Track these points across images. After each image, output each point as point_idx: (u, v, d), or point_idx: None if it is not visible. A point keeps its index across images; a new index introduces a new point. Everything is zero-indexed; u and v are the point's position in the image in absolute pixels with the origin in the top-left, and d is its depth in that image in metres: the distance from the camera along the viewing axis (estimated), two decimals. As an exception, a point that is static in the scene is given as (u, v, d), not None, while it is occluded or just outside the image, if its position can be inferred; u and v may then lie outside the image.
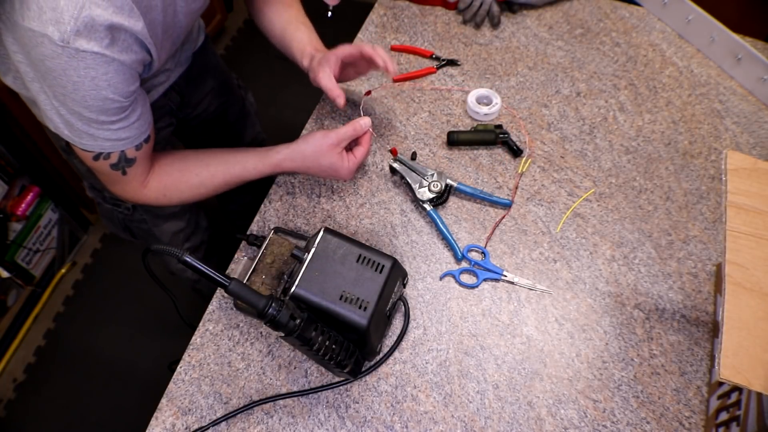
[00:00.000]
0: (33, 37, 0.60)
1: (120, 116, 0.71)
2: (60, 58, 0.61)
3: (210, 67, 1.13)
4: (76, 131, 0.70)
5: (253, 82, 1.28)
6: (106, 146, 0.73)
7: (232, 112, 1.24)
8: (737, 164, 0.66)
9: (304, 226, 0.89)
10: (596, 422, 0.73)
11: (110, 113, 0.69)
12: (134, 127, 0.74)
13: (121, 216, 1.09)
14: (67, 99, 0.65)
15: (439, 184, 0.89)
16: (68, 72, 0.62)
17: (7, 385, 1.68)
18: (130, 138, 0.74)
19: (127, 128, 0.73)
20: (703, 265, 0.86)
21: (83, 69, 0.62)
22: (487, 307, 0.81)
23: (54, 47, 0.60)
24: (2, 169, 1.54)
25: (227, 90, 1.20)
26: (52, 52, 0.60)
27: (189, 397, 0.74)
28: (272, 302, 0.62)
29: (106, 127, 0.70)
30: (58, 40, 0.59)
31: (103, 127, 0.70)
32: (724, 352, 0.55)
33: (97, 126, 0.70)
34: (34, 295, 1.79)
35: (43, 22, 0.58)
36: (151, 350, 1.71)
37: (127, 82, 0.68)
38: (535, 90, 1.06)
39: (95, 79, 0.64)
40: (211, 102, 1.16)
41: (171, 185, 0.84)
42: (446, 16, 1.19)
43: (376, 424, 0.72)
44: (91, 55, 0.61)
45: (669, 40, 1.15)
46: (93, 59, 0.62)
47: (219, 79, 1.17)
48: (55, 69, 0.62)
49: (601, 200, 0.92)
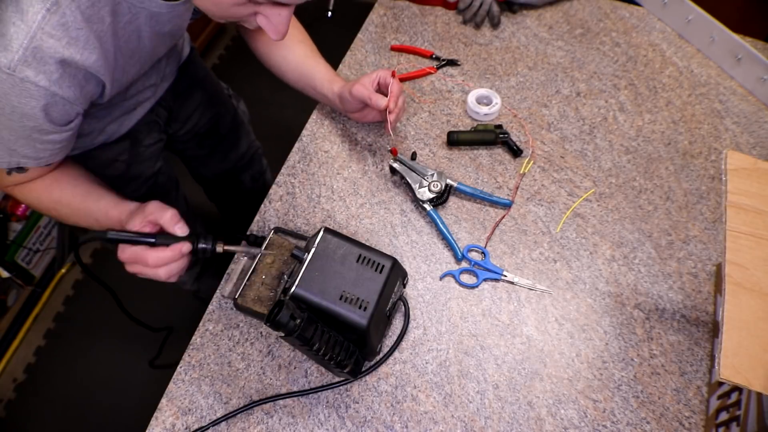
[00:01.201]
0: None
1: (51, 138, 0.69)
2: (3, 83, 0.59)
3: (198, 79, 1.12)
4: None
5: (251, 85, 1.28)
6: (22, 162, 0.70)
7: (223, 123, 1.22)
8: (737, 164, 0.66)
9: (304, 226, 0.89)
10: (596, 422, 0.73)
11: (43, 133, 0.67)
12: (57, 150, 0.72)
13: None
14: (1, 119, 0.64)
15: (439, 184, 0.89)
16: (9, 97, 0.61)
17: (7, 385, 1.67)
18: (44, 158, 0.72)
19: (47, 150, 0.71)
20: (703, 265, 0.86)
21: (24, 98, 0.61)
22: (487, 307, 0.81)
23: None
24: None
25: (217, 102, 1.19)
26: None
27: (189, 397, 0.74)
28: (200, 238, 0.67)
29: (32, 145, 0.69)
30: (4, 67, 0.58)
31: (29, 144, 0.68)
32: (724, 352, 0.55)
33: (24, 142, 0.68)
34: (34, 295, 1.79)
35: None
36: (150, 350, 1.71)
37: (67, 116, 0.67)
38: (535, 90, 1.06)
39: (34, 108, 0.62)
40: (202, 115, 1.15)
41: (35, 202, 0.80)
42: (446, 16, 1.19)
43: (376, 424, 0.72)
44: (34, 86, 0.60)
45: (669, 40, 1.15)
46: (36, 91, 0.61)
47: (208, 91, 1.15)
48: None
49: (601, 200, 0.92)
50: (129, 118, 0.94)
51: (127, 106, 0.91)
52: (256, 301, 0.77)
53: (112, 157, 0.97)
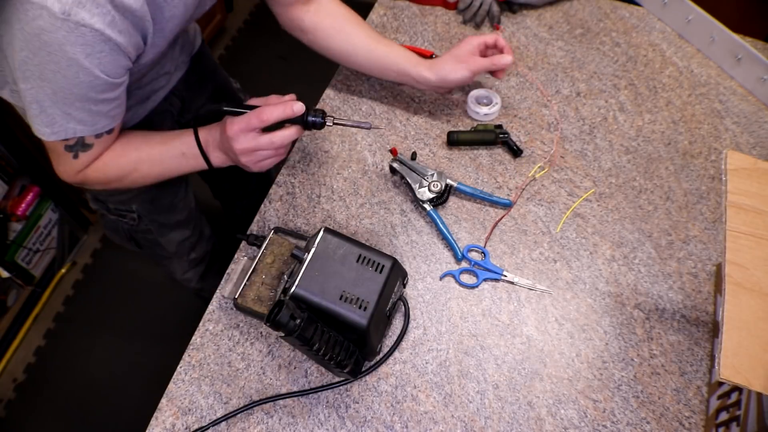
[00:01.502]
0: (31, 10, 0.57)
1: (104, 96, 0.68)
2: (58, 32, 0.58)
3: (208, 71, 1.13)
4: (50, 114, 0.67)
5: (253, 81, 1.28)
6: (78, 129, 0.70)
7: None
8: (737, 164, 0.66)
9: (304, 226, 0.89)
10: (596, 422, 0.73)
11: (97, 90, 0.67)
12: (112, 112, 0.72)
13: (126, 227, 1.08)
14: (57, 76, 0.63)
15: (439, 184, 0.89)
16: (65, 47, 0.59)
17: (7, 385, 1.68)
18: (101, 123, 0.72)
19: (105, 114, 0.71)
20: (703, 265, 0.86)
21: (80, 45, 0.60)
22: (487, 307, 0.81)
23: (52, 20, 0.57)
24: (2, 169, 1.54)
25: (226, 94, 1.20)
26: (50, 25, 0.57)
27: (189, 397, 0.74)
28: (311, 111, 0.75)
29: (87, 108, 0.68)
30: (59, 12, 0.57)
31: (86, 106, 0.68)
32: (724, 352, 0.55)
33: (80, 104, 0.67)
34: (34, 295, 1.79)
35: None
36: (151, 350, 1.71)
37: (119, 64, 0.66)
38: (535, 90, 1.06)
39: (90, 56, 0.62)
40: (212, 106, 1.16)
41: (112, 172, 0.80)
42: (446, 16, 1.19)
43: (376, 424, 0.72)
44: (90, 31, 0.60)
45: (669, 40, 1.15)
46: (92, 35, 0.60)
47: (218, 82, 1.16)
48: (51, 43, 0.59)
49: (601, 200, 0.92)
50: (143, 106, 0.94)
51: (141, 95, 0.91)
52: (256, 301, 0.77)
53: None
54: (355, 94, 1.05)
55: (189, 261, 1.22)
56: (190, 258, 1.22)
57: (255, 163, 0.78)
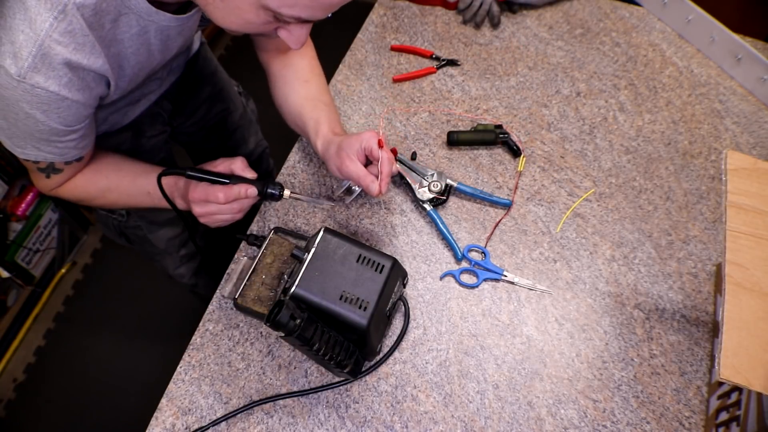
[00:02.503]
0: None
1: (69, 138, 0.71)
2: (15, 91, 0.61)
3: (206, 74, 1.11)
4: (19, 143, 0.70)
5: (253, 83, 1.28)
6: (48, 157, 0.73)
7: (232, 120, 1.22)
8: (737, 164, 0.66)
9: (304, 226, 0.89)
10: (596, 422, 0.73)
11: (60, 135, 0.69)
12: (79, 145, 0.74)
13: (115, 222, 1.08)
14: (18, 122, 0.65)
15: (439, 184, 0.89)
16: (21, 104, 0.62)
17: (7, 385, 1.67)
18: (70, 154, 0.74)
19: (72, 147, 0.73)
20: (703, 265, 0.86)
21: (36, 103, 0.63)
22: (487, 307, 0.81)
23: (9, 79, 0.60)
24: (2, 169, 1.54)
25: (226, 97, 1.18)
26: (7, 83, 0.60)
27: (189, 397, 0.74)
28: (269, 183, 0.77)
29: (53, 144, 0.71)
30: (15, 74, 0.59)
31: (51, 145, 0.71)
32: (724, 352, 0.55)
33: (46, 143, 0.70)
34: (34, 295, 1.79)
35: (1, 53, 0.59)
36: (151, 350, 1.71)
37: (78, 115, 0.68)
38: (535, 90, 1.06)
39: (47, 112, 0.64)
40: (209, 109, 1.15)
41: (81, 194, 0.84)
42: (446, 16, 1.19)
43: (376, 424, 0.72)
44: (45, 92, 0.62)
45: (669, 40, 1.15)
46: (47, 96, 0.62)
47: (217, 86, 1.15)
48: (8, 98, 0.62)
49: (601, 200, 0.92)
50: (133, 109, 0.94)
51: (131, 98, 0.91)
52: (256, 301, 0.77)
53: (113, 146, 0.97)
54: (355, 94, 1.05)
55: (180, 257, 1.22)
56: (180, 254, 1.22)
57: (211, 223, 0.80)
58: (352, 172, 0.77)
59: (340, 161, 0.79)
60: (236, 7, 0.61)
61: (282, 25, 0.65)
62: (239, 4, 0.60)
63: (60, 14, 0.58)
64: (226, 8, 0.62)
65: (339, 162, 0.79)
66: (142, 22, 0.68)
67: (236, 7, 0.61)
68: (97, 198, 0.85)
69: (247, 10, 0.61)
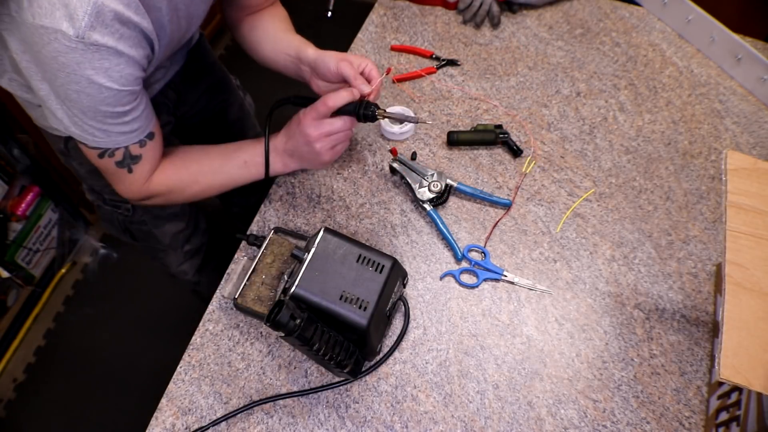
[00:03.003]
0: (45, 34, 0.60)
1: (131, 106, 0.72)
2: (74, 53, 0.62)
3: (206, 64, 1.13)
4: (88, 128, 0.71)
5: (254, 81, 1.28)
6: (120, 140, 0.74)
7: (231, 111, 1.24)
8: (737, 164, 0.66)
9: (304, 226, 0.89)
10: (596, 422, 0.73)
11: (124, 103, 0.70)
12: (143, 117, 0.75)
13: (121, 218, 1.09)
14: (81, 95, 0.66)
15: (439, 184, 0.89)
16: (83, 65, 0.63)
17: (7, 385, 1.68)
18: (141, 128, 0.75)
19: (137, 119, 0.74)
20: (703, 265, 0.86)
21: (97, 61, 0.64)
22: (487, 307, 0.81)
23: (68, 42, 0.61)
24: (2, 169, 1.54)
25: (225, 88, 1.20)
26: (65, 47, 0.61)
27: (189, 397, 0.75)
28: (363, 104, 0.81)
29: (121, 119, 0.72)
30: (73, 35, 0.60)
31: (118, 120, 0.71)
32: (724, 352, 0.55)
33: (112, 120, 0.71)
34: (34, 295, 1.79)
35: (55, 18, 0.59)
36: (150, 350, 1.71)
37: (134, 76, 0.70)
38: (535, 90, 1.06)
39: (108, 70, 0.65)
40: (210, 100, 1.16)
41: (174, 183, 0.84)
42: (446, 16, 1.19)
43: (376, 424, 0.73)
44: (104, 48, 0.63)
45: (669, 40, 1.15)
46: (107, 52, 0.64)
47: (216, 76, 1.17)
48: (68, 64, 0.63)
49: (601, 200, 0.92)
50: None
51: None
52: (256, 301, 0.77)
53: None
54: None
55: (184, 253, 1.23)
56: (184, 250, 1.22)
57: (329, 149, 0.82)
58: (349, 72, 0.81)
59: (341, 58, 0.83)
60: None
61: None
62: None
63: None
64: None
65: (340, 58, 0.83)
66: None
67: None
68: (191, 185, 0.86)
69: None
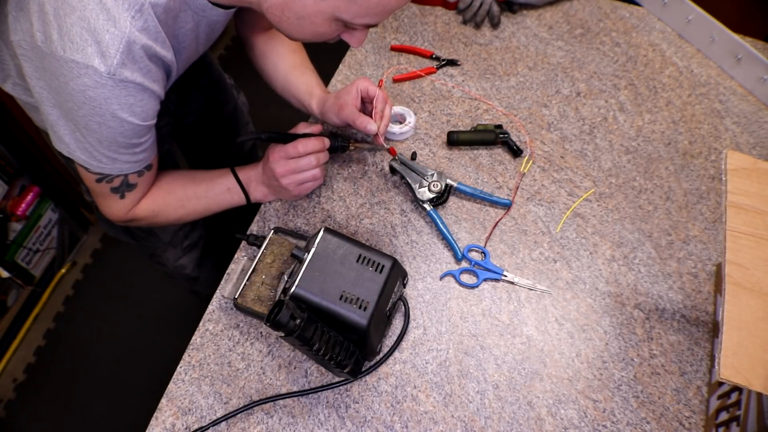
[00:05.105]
0: (75, 68, 0.61)
1: (146, 138, 0.73)
2: (104, 89, 0.63)
3: (205, 64, 1.14)
4: (96, 155, 0.72)
5: (250, 84, 1.28)
6: (123, 168, 0.75)
7: (227, 109, 1.25)
8: (737, 164, 0.66)
9: (304, 226, 0.89)
10: (596, 422, 0.73)
11: (140, 135, 0.72)
12: (150, 148, 0.76)
13: None
14: (102, 127, 0.67)
15: (439, 184, 0.89)
16: (109, 101, 0.64)
17: (7, 385, 1.67)
18: (145, 159, 0.77)
19: (145, 150, 0.75)
20: (703, 265, 0.86)
21: (124, 97, 0.65)
22: (487, 307, 0.81)
23: (99, 78, 0.62)
24: (2, 169, 1.54)
25: (221, 88, 1.22)
26: (95, 83, 0.62)
27: (189, 397, 0.75)
28: (337, 137, 0.88)
29: (132, 150, 0.73)
30: (105, 72, 0.61)
31: (129, 150, 0.73)
32: (724, 352, 0.55)
33: (125, 150, 0.72)
34: (34, 295, 1.79)
35: (87, 54, 0.61)
36: (150, 350, 1.71)
37: (153, 109, 0.71)
38: (535, 90, 1.06)
39: (133, 105, 0.67)
40: (207, 99, 1.18)
41: (159, 207, 0.85)
42: (446, 16, 1.19)
43: (376, 424, 0.73)
44: (132, 84, 0.65)
45: (669, 40, 1.15)
46: (134, 88, 0.65)
47: (213, 76, 1.18)
48: (96, 98, 0.64)
49: (601, 200, 0.92)
50: None
51: None
52: (256, 301, 0.77)
53: None
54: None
55: (183, 248, 1.23)
56: (183, 245, 1.23)
57: (296, 185, 0.84)
58: (350, 114, 0.85)
59: (338, 107, 0.87)
60: (311, 23, 0.67)
61: (348, 30, 0.71)
62: (314, 20, 0.66)
63: (137, 13, 0.62)
64: (300, 24, 0.67)
65: (337, 108, 0.87)
66: (196, 17, 0.72)
67: (311, 22, 0.67)
68: (176, 209, 0.87)
69: (320, 24, 0.67)
